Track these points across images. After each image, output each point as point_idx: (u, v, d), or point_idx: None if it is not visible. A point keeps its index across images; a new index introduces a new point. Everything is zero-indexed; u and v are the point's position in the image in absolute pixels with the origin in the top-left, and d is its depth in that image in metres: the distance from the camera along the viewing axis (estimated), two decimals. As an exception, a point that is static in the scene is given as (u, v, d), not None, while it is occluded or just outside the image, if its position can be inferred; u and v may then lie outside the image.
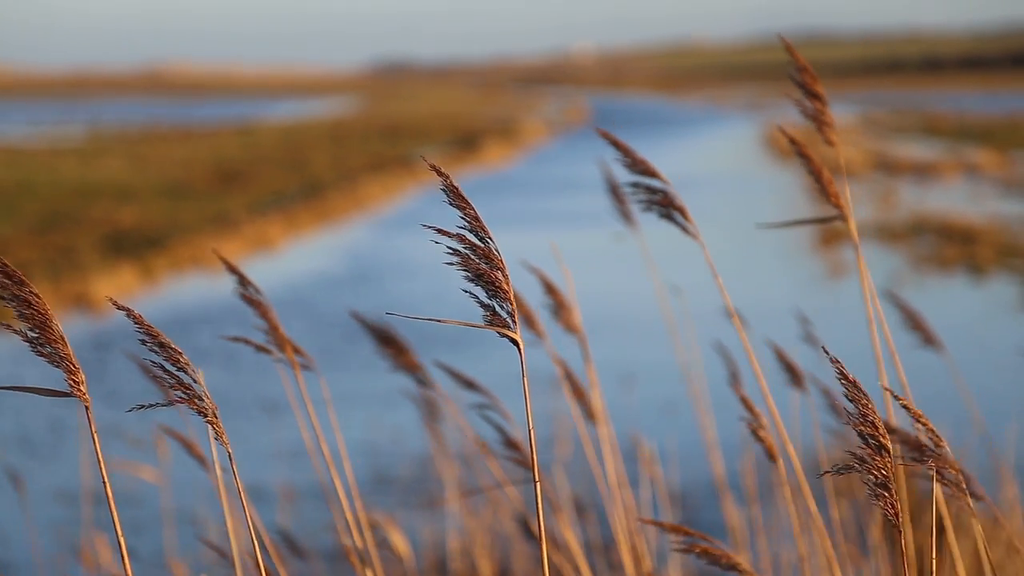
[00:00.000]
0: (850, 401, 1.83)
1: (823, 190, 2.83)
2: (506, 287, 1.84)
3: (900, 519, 1.81)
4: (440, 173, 1.83)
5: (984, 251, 19.45)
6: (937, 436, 1.97)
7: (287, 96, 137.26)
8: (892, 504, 1.80)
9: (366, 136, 49.60)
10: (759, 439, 2.84)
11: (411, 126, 55.41)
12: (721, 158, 42.25)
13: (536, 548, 5.54)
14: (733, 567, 2.50)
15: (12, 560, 7.89)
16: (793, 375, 3.34)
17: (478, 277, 1.85)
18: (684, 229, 2.82)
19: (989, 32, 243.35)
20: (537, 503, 1.80)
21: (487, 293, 1.85)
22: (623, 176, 2.86)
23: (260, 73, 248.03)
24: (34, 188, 28.79)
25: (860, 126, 54.83)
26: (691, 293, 4.58)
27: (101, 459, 1.87)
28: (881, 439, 1.81)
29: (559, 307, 3.43)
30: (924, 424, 1.99)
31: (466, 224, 1.86)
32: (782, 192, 29.12)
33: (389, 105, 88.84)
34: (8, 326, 1.86)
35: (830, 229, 22.64)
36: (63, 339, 1.86)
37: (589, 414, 3.42)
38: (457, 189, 1.85)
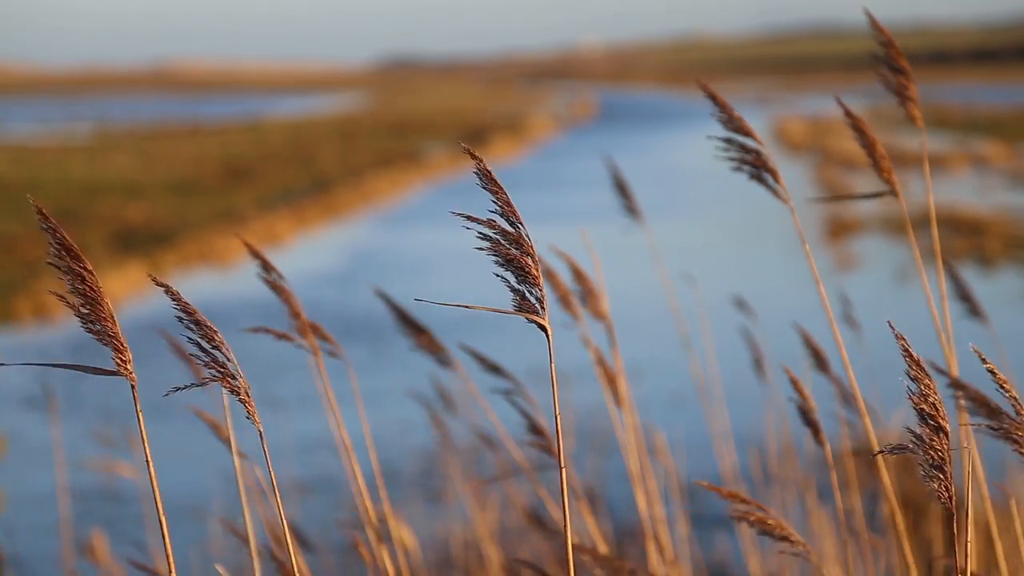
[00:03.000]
0: (912, 380, 1.82)
1: (876, 165, 2.80)
2: (535, 272, 1.84)
3: (954, 502, 1.80)
4: (473, 156, 1.83)
5: (992, 243, 19.42)
6: (1020, 403, 1.96)
7: (295, 92, 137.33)
8: (947, 487, 1.79)
9: (374, 132, 49.61)
10: (808, 421, 2.83)
11: (419, 122, 55.42)
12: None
13: (544, 540, 5.54)
14: (785, 538, 2.50)
15: (17, 554, 7.91)
16: (819, 360, 3.33)
17: (508, 262, 1.84)
18: (775, 192, 2.78)
19: (997, 24, 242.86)
20: (563, 488, 1.80)
21: (516, 278, 1.84)
22: (718, 132, 2.83)
23: (267, 69, 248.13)
24: (43, 186, 28.83)
25: (868, 118, 54.72)
26: (699, 285, 4.58)
27: (145, 439, 1.87)
28: (940, 420, 1.80)
29: (588, 293, 3.43)
30: (1008, 391, 1.98)
31: (498, 209, 1.85)
32: (791, 184, 29.11)
33: (396, 101, 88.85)
34: (62, 297, 1.86)
35: (838, 222, 22.61)
36: (112, 318, 1.86)
37: (618, 400, 3.41)
38: (490, 173, 1.84)
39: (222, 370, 1.88)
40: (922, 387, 1.80)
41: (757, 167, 2.78)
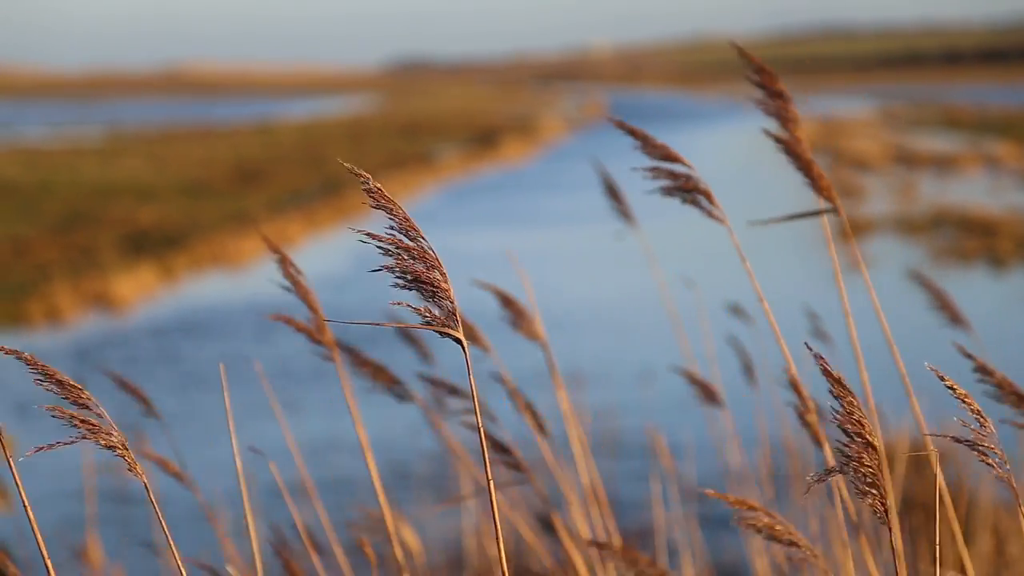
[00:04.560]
0: (835, 398, 1.82)
1: (814, 184, 2.82)
2: (445, 286, 1.82)
3: (890, 516, 1.81)
4: (359, 175, 1.80)
5: (1004, 243, 19.39)
6: (983, 416, 1.96)
7: (305, 95, 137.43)
8: (882, 501, 1.80)
9: (385, 134, 49.66)
10: (806, 424, 2.82)
11: (430, 124, 55.45)
12: (739, 152, 42.18)
13: (553, 543, 5.54)
14: (793, 544, 2.49)
15: (17, 560, 7.93)
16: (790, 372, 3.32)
17: (415, 280, 1.82)
18: (709, 213, 2.79)
19: (1008, 25, 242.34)
20: (492, 506, 1.80)
21: (425, 294, 1.82)
22: (643, 161, 2.84)
23: (278, 72, 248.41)
24: (54, 188, 28.89)
25: (879, 119, 54.68)
26: (700, 287, 4.58)
27: (18, 479, 1.87)
28: (868, 436, 1.81)
29: (518, 317, 3.39)
30: (970, 404, 1.98)
31: (395, 225, 1.82)
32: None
33: (408, 103, 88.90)
34: None
35: (851, 223, 22.58)
36: None
37: (538, 426, 3.37)
38: (381, 190, 1.81)
39: (93, 427, 1.87)
40: (845, 405, 1.81)
41: (688, 191, 2.80)
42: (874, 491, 1.80)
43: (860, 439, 1.80)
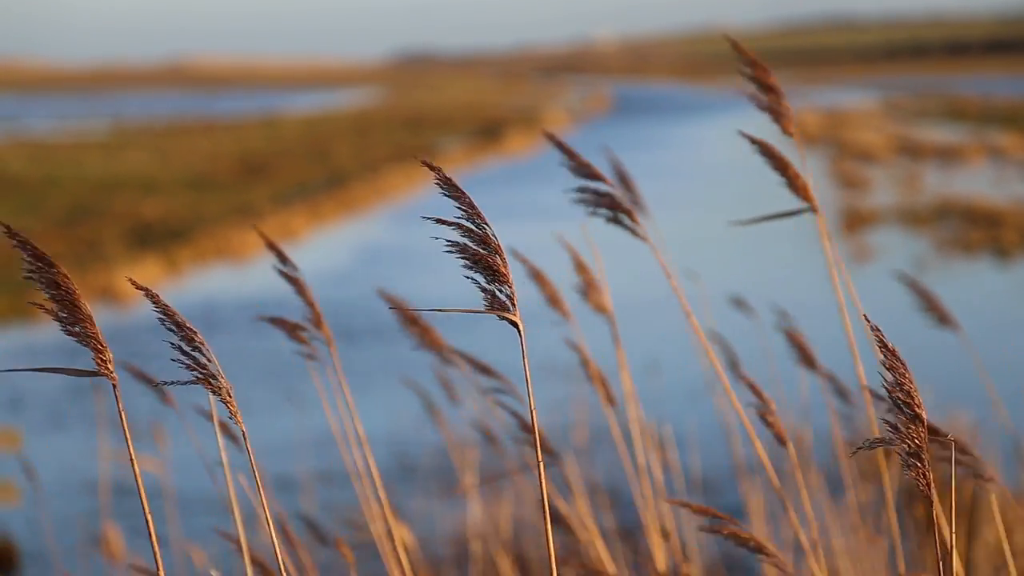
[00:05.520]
0: (888, 369, 1.83)
1: (790, 184, 2.85)
2: (504, 271, 1.89)
3: (932, 490, 1.82)
4: (431, 168, 1.89)
5: (1009, 234, 19.38)
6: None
7: (310, 88, 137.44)
8: (924, 475, 1.81)
9: (389, 127, 49.65)
10: (768, 425, 2.84)
11: (434, 116, 55.44)
12: (744, 143, 42.11)
13: (556, 533, 5.56)
14: (760, 550, 2.49)
15: (34, 550, 7.96)
16: (805, 356, 3.34)
17: (476, 263, 1.90)
18: (632, 231, 2.83)
19: (1013, 16, 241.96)
20: (541, 484, 1.82)
21: (486, 278, 1.90)
22: (575, 180, 2.89)
23: (283, 65, 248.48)
24: (59, 182, 28.92)
25: (883, 111, 54.63)
26: (706, 279, 4.59)
27: (128, 436, 1.89)
28: (916, 408, 1.82)
29: (588, 286, 3.44)
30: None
31: (463, 213, 1.92)
32: (806, 177, 29.07)
33: (412, 96, 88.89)
34: (41, 305, 1.89)
35: (855, 214, 22.58)
36: (90, 319, 1.88)
37: (608, 398, 3.42)
38: (451, 180, 1.90)
39: (203, 371, 1.90)
40: (896, 376, 1.82)
41: (612, 209, 2.87)
42: (918, 463, 1.80)
43: (908, 410, 1.81)
